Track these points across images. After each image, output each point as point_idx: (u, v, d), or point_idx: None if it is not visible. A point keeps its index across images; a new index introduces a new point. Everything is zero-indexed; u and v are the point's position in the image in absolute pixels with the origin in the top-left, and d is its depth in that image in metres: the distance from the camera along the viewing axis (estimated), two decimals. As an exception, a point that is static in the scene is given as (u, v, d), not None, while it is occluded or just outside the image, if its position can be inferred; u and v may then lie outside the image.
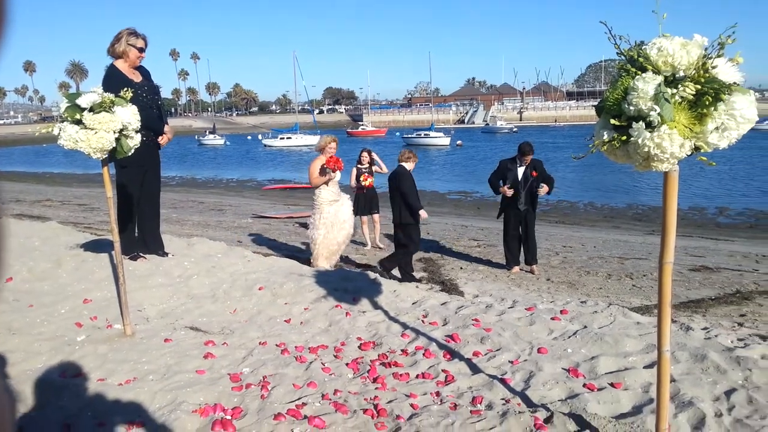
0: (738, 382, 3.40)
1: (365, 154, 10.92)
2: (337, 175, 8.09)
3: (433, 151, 51.06)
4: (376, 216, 10.87)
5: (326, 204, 8.02)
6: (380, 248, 10.70)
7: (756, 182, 25.02)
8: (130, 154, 4.07)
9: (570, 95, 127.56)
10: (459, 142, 57.47)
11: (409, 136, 63.85)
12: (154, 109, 5.78)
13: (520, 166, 8.70)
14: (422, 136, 62.36)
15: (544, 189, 8.62)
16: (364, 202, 10.70)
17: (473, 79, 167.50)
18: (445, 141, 57.99)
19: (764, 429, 2.88)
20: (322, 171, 7.97)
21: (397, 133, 71.48)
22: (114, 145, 3.90)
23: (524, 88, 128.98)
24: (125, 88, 4.09)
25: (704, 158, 2.18)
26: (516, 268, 8.91)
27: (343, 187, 8.63)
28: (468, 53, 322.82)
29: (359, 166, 10.85)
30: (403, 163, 8.15)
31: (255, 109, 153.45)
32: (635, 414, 3.12)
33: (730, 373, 3.51)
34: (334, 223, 7.99)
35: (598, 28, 2.29)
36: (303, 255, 9.02)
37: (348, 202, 8.29)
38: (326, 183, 8.02)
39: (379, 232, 11.07)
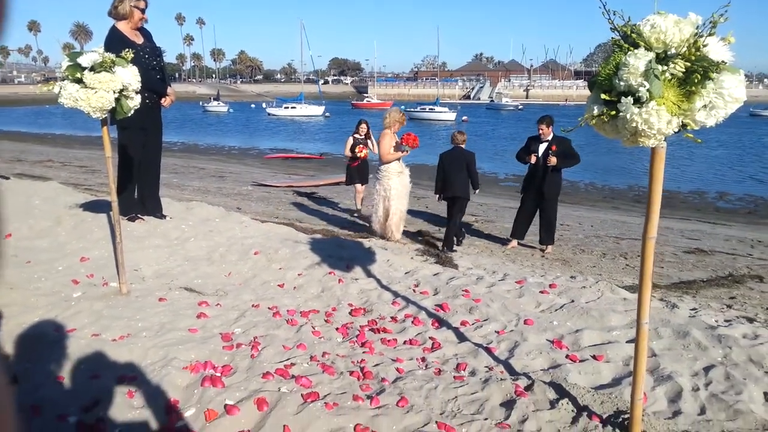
0: (717, 359, 3.48)
1: (364, 125, 10.99)
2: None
3: (437, 126, 50.69)
4: (363, 186, 11.17)
5: (394, 175, 8.09)
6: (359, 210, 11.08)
7: (749, 169, 25.07)
8: (129, 114, 4.10)
9: (578, 74, 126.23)
10: (465, 117, 56.92)
11: (413, 110, 62.75)
12: (155, 71, 5.79)
13: (541, 142, 8.65)
14: (426, 110, 61.64)
15: (552, 159, 8.40)
16: (357, 172, 10.99)
17: (481, 54, 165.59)
18: (451, 116, 57.51)
19: (738, 404, 2.95)
20: (398, 147, 8.03)
21: (402, 107, 70.92)
22: (113, 105, 3.94)
23: (532, 66, 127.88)
24: (126, 49, 4.10)
25: (690, 135, 2.21)
26: (514, 242, 8.97)
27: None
28: (476, 28, 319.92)
29: (356, 136, 10.94)
30: (462, 145, 8.59)
31: (260, 77, 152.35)
32: (614, 385, 3.20)
33: (710, 350, 3.58)
34: (400, 193, 8.08)
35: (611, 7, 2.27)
36: (300, 222, 9.08)
37: (408, 175, 8.33)
38: (398, 159, 8.13)
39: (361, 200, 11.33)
